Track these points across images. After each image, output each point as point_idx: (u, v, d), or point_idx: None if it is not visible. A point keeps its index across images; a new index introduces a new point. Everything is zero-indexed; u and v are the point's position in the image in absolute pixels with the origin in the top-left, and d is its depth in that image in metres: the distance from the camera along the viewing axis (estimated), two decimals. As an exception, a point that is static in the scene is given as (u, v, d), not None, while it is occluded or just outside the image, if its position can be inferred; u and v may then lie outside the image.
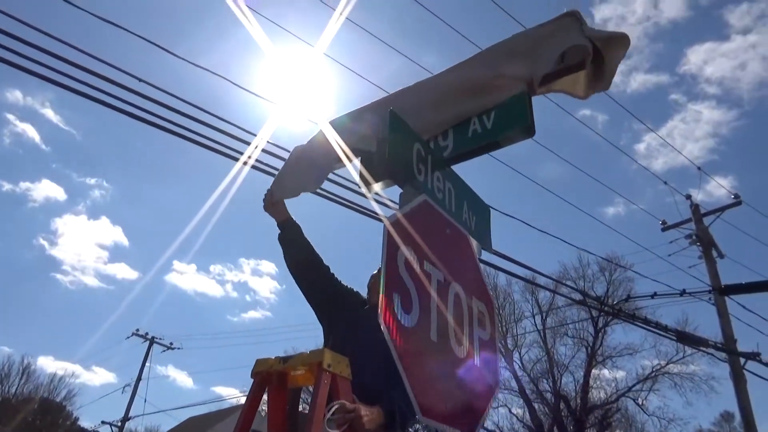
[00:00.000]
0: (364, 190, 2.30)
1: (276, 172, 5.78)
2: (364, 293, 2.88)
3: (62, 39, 5.05)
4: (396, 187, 2.20)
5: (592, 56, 2.11)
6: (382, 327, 1.63)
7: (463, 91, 2.37)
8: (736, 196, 12.52)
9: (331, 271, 2.89)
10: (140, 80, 5.47)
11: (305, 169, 2.80)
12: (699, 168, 13.81)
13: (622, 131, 42.64)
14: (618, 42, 2.17)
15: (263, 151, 5.80)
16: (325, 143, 2.56)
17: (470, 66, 2.41)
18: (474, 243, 2.39)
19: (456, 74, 2.42)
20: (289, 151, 5.89)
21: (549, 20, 2.30)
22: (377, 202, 5.75)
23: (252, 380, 2.38)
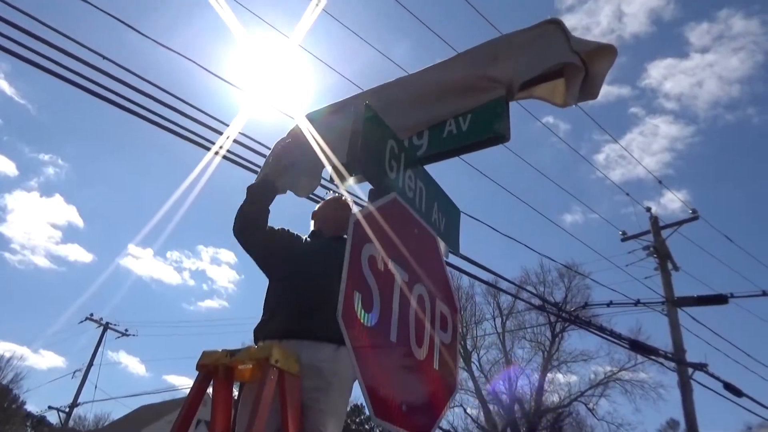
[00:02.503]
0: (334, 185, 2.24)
1: (246, 163, 5.70)
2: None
3: (21, 8, 4.80)
4: (364, 188, 2.14)
5: (584, 71, 2.10)
6: (341, 324, 1.58)
7: (444, 90, 2.33)
8: (694, 211, 12.91)
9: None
10: (105, 58, 5.23)
11: (292, 169, 2.79)
12: (660, 182, 14.25)
13: (582, 141, 43.70)
14: (604, 53, 2.17)
15: (234, 141, 5.68)
16: (312, 148, 2.48)
17: (452, 66, 2.37)
18: (442, 245, 2.36)
19: (437, 73, 2.38)
20: (258, 142, 5.80)
21: (531, 26, 2.27)
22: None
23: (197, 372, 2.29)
